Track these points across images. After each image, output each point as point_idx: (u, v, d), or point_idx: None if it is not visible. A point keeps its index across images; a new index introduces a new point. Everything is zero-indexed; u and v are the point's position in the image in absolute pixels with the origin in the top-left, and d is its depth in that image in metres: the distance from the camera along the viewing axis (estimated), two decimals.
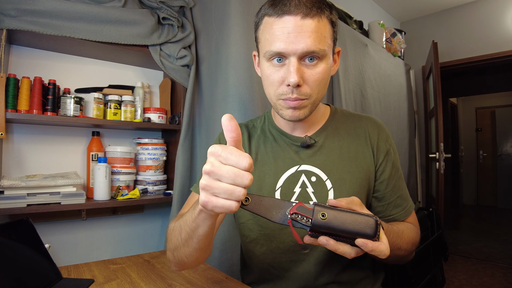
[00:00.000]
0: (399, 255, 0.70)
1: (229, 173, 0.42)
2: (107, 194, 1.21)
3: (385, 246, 0.48)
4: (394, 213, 0.76)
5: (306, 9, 0.61)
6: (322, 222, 0.47)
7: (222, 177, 0.42)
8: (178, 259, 0.63)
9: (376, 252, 0.48)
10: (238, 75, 1.21)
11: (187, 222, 0.56)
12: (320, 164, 0.74)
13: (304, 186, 0.73)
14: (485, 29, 2.91)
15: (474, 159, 5.87)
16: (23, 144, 1.19)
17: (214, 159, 0.44)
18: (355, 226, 0.47)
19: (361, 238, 0.47)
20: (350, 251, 0.49)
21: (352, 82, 1.97)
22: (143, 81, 1.46)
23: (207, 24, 1.38)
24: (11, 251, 0.53)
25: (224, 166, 0.43)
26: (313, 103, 0.68)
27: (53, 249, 1.22)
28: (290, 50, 0.62)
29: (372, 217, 0.48)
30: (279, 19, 0.62)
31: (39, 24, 1.04)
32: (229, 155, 0.42)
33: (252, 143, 0.81)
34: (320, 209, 0.48)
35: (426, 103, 3.24)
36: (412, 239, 0.73)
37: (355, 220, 0.47)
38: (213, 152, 0.44)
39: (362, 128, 0.79)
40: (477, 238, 3.65)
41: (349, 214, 0.48)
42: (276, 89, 0.67)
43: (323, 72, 0.65)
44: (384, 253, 0.48)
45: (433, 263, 2.08)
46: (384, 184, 0.76)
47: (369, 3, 3.01)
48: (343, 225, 0.47)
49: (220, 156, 0.43)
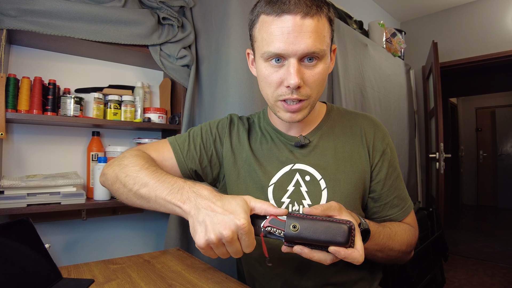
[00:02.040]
0: (392, 256, 0.69)
1: (234, 251, 0.50)
2: (107, 194, 1.21)
3: (358, 253, 0.48)
4: (391, 214, 0.75)
5: (306, 8, 0.58)
6: (294, 233, 0.48)
7: (228, 248, 0.50)
8: (112, 188, 0.67)
9: (349, 259, 0.47)
10: (238, 75, 1.21)
11: (153, 189, 0.57)
12: (315, 163, 0.73)
13: (298, 184, 0.72)
14: (485, 29, 2.90)
15: (474, 159, 5.87)
16: (23, 144, 1.19)
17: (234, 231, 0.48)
18: (326, 235, 0.47)
19: (334, 246, 0.47)
20: (325, 258, 0.49)
21: (352, 82, 1.97)
22: (143, 81, 1.46)
23: (207, 24, 1.38)
24: (11, 251, 0.53)
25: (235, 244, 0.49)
26: (312, 104, 0.67)
27: (53, 249, 1.22)
28: (290, 51, 0.59)
29: (345, 224, 0.48)
30: (278, 18, 0.59)
31: (39, 24, 1.04)
32: (246, 238, 0.49)
33: (250, 138, 0.80)
34: (291, 221, 0.49)
35: (426, 103, 3.24)
36: (407, 240, 0.71)
37: (327, 228, 0.48)
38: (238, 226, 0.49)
39: (358, 127, 0.77)
40: (477, 238, 3.65)
41: (321, 223, 0.48)
42: (275, 90, 0.65)
43: (322, 72, 0.64)
44: (357, 260, 0.47)
45: (433, 263, 2.08)
46: (381, 184, 0.74)
47: (369, 3, 3.01)
48: (314, 234, 0.48)
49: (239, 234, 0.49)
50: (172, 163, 0.77)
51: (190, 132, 0.82)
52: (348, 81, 1.92)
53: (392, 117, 2.49)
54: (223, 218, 0.48)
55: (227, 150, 0.79)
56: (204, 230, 0.48)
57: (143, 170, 0.62)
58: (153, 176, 0.60)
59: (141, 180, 0.60)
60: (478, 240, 3.56)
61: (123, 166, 0.65)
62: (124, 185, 0.62)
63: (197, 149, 0.78)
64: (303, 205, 0.71)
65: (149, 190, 0.58)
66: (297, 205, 0.71)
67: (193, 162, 0.77)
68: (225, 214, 0.48)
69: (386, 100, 2.39)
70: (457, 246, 3.33)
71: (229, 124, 0.82)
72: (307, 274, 0.71)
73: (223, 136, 0.81)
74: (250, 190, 0.75)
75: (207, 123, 0.84)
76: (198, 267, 0.75)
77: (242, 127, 0.81)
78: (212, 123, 0.84)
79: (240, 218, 0.48)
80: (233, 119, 0.84)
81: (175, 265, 0.76)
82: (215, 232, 0.48)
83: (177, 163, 0.77)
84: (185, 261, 0.79)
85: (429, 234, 2.11)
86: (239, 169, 0.77)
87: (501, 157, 5.56)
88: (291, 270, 0.72)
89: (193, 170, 0.78)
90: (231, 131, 0.81)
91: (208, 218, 0.49)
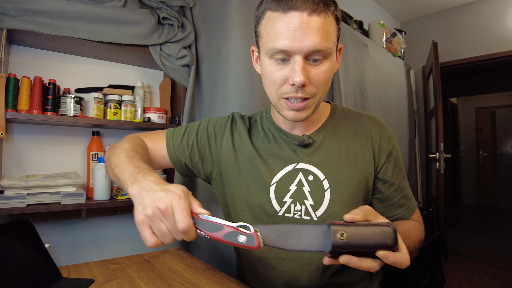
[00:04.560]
0: None
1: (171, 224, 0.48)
2: (107, 194, 1.21)
3: (405, 258, 0.47)
4: (398, 213, 0.75)
5: (313, 5, 0.58)
6: (342, 242, 0.45)
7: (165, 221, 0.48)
8: (106, 169, 0.71)
9: (397, 264, 0.47)
10: (238, 75, 1.21)
11: (122, 170, 0.60)
12: (318, 163, 0.72)
13: (300, 184, 0.71)
14: (485, 29, 2.90)
15: (474, 159, 5.87)
16: (23, 144, 1.19)
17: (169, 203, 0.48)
18: (374, 239, 0.45)
19: (382, 250, 0.46)
20: (374, 265, 0.48)
21: (352, 82, 1.97)
22: (143, 81, 1.46)
23: (207, 24, 1.38)
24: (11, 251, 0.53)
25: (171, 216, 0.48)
26: (317, 103, 0.66)
27: (53, 249, 1.22)
28: (296, 48, 0.59)
29: (389, 226, 0.47)
30: (284, 14, 0.59)
31: (39, 24, 1.04)
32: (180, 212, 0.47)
33: (252, 137, 0.79)
34: (337, 228, 0.45)
35: (426, 103, 3.24)
36: (418, 237, 0.72)
37: (374, 232, 0.46)
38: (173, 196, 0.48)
39: (363, 128, 0.76)
40: (477, 238, 3.65)
41: (366, 228, 0.46)
42: (279, 88, 0.64)
43: (327, 71, 0.63)
44: (405, 263, 0.47)
45: (433, 263, 2.08)
46: (387, 185, 0.74)
47: (369, 3, 3.01)
48: (362, 240, 0.45)
49: (173, 207, 0.48)
50: (164, 153, 0.80)
51: (189, 125, 0.84)
52: (348, 81, 1.92)
53: (392, 117, 2.49)
54: (160, 194, 0.49)
55: (228, 148, 0.78)
56: (142, 207, 0.49)
57: (124, 153, 0.66)
58: (128, 159, 0.63)
59: (118, 161, 0.64)
60: (478, 240, 3.56)
61: (114, 148, 0.71)
62: (109, 165, 0.67)
63: (189, 143, 0.80)
64: (305, 205, 0.70)
65: (120, 170, 0.61)
66: (299, 205, 0.70)
67: (183, 155, 0.80)
68: (163, 191, 0.49)
69: (386, 100, 2.39)
70: (457, 246, 3.33)
71: (231, 122, 0.82)
72: (308, 275, 0.70)
73: (221, 135, 0.81)
74: (252, 189, 0.74)
75: (207, 119, 0.85)
76: (198, 267, 0.75)
77: (243, 125, 0.81)
78: (212, 120, 0.84)
79: (176, 191, 0.49)
80: (235, 117, 0.83)
81: (175, 265, 0.76)
82: (152, 206, 0.48)
83: (167, 153, 0.80)
84: (185, 261, 0.79)
85: (429, 234, 2.11)
86: (241, 168, 0.76)
87: (501, 157, 5.55)
88: (291, 270, 0.71)
89: (183, 163, 0.80)
90: (233, 129, 0.81)
91: (147, 196, 0.50)
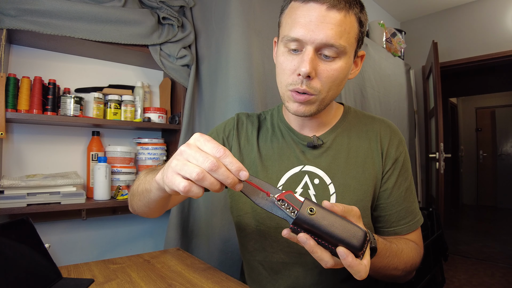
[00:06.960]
0: (395, 275, 0.64)
1: (196, 156, 0.42)
2: (107, 194, 1.21)
3: (364, 268, 0.43)
4: (395, 226, 0.71)
5: (334, 0, 0.58)
6: (308, 217, 0.43)
7: (190, 158, 0.42)
8: (131, 203, 0.71)
9: (353, 270, 0.43)
10: (238, 75, 1.21)
11: (147, 179, 0.60)
12: (325, 166, 0.70)
13: (306, 187, 0.70)
14: (485, 29, 2.90)
15: (474, 159, 5.87)
16: (23, 144, 1.19)
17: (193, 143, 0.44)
18: (341, 233, 0.42)
19: (344, 248, 0.43)
20: (328, 259, 0.44)
21: (352, 82, 1.97)
22: (143, 81, 1.46)
23: (207, 24, 1.38)
24: (11, 251, 0.53)
25: (197, 150, 0.43)
26: (322, 101, 0.65)
27: (53, 249, 1.22)
28: (308, 39, 0.58)
29: (362, 230, 0.44)
30: (304, 5, 0.59)
31: (39, 24, 1.04)
32: (207, 142, 0.43)
33: (260, 136, 0.78)
34: (310, 203, 0.44)
35: (426, 103, 3.23)
36: (412, 259, 0.66)
37: (344, 227, 0.43)
38: (195, 138, 0.44)
39: (374, 132, 0.74)
40: (477, 238, 3.65)
41: (339, 219, 0.44)
42: (287, 78, 0.64)
43: (339, 70, 0.61)
44: (360, 274, 0.43)
45: (433, 263, 2.08)
46: (387, 193, 0.70)
47: (369, 3, 3.01)
48: (329, 227, 0.42)
49: (198, 141, 0.43)
50: None
51: None
52: (348, 81, 1.91)
53: (392, 117, 2.50)
54: (194, 153, 0.42)
55: (234, 152, 0.77)
56: (178, 172, 0.42)
57: (140, 176, 0.68)
58: (146, 174, 0.66)
59: (139, 181, 0.67)
60: (478, 240, 3.56)
61: (132, 186, 0.72)
62: (133, 194, 0.69)
63: None
64: None
65: (143, 182, 0.62)
66: None
67: None
68: (196, 151, 0.42)
69: (386, 100, 2.39)
70: (457, 246, 3.33)
71: (236, 124, 0.80)
72: (311, 280, 0.69)
73: (230, 139, 0.79)
74: None
75: (214, 129, 0.83)
76: (198, 267, 0.75)
77: (251, 125, 0.79)
78: (219, 127, 0.82)
79: (215, 144, 0.43)
80: (241, 118, 0.82)
81: (175, 265, 0.76)
82: (192, 165, 0.41)
83: None
84: (185, 261, 0.79)
85: (429, 234, 2.11)
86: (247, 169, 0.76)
87: (501, 157, 5.56)
88: (294, 275, 0.70)
89: None
90: (239, 132, 0.79)
91: (177, 162, 0.43)
